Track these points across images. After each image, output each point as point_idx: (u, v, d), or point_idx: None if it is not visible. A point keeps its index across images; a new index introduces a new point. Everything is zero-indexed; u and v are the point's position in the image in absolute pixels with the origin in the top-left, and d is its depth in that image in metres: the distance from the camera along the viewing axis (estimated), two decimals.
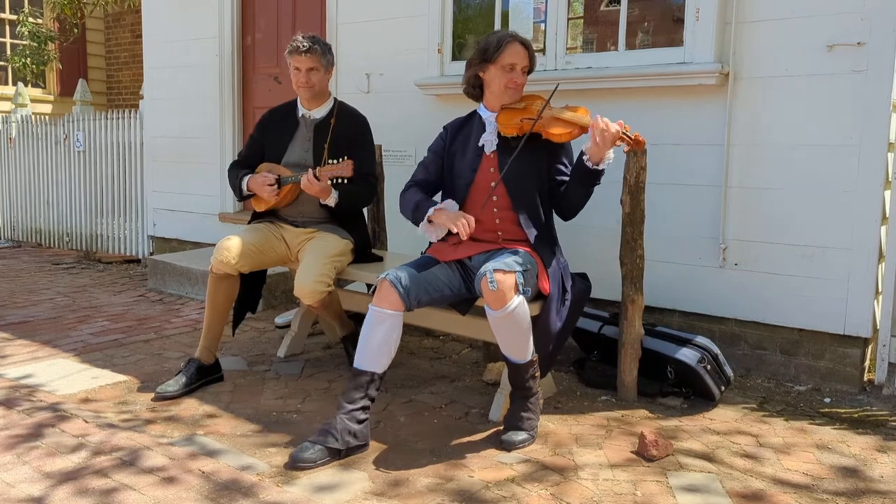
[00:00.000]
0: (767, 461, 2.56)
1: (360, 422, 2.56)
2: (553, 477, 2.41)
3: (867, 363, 3.35)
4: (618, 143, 2.69)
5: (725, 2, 3.37)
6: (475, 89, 3.03)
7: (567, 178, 2.89)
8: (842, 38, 3.14)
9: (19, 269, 6.10)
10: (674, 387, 3.15)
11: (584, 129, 2.76)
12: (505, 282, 2.50)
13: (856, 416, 3.01)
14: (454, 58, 4.26)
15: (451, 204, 2.94)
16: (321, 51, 3.38)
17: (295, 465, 2.44)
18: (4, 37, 9.95)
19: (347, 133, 3.43)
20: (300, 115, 3.49)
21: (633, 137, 2.71)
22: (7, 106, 8.62)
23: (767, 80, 3.33)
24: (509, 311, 2.51)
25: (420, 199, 2.97)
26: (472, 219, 2.77)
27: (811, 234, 3.27)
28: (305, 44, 3.34)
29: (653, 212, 3.40)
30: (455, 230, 2.76)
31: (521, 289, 2.56)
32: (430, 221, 2.89)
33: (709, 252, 3.52)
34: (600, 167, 2.72)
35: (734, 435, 2.78)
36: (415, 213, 2.96)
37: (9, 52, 9.80)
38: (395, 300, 2.61)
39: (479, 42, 2.98)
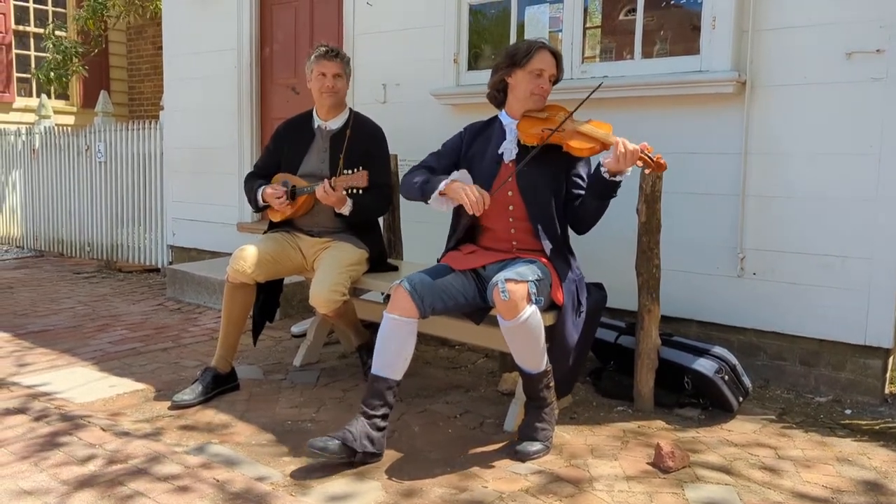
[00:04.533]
0: (786, 474, 2.52)
1: (379, 429, 2.56)
2: (567, 488, 2.39)
3: (889, 374, 3.29)
4: (638, 163, 2.67)
5: (742, 10, 3.35)
6: (499, 93, 3.02)
7: (583, 192, 2.88)
8: (860, 45, 3.11)
9: (41, 278, 6.18)
10: (691, 398, 3.12)
11: (605, 146, 2.73)
12: (517, 291, 2.49)
13: (877, 428, 2.96)
14: (470, 68, 4.27)
15: (465, 175, 2.87)
16: (346, 60, 3.45)
17: (310, 450, 2.46)
18: (29, 49, 10.12)
19: (363, 143, 3.45)
20: (316, 125, 3.51)
21: (654, 160, 2.67)
22: (31, 117, 8.76)
23: (785, 88, 3.30)
24: (521, 320, 2.50)
25: (429, 176, 2.90)
26: (486, 194, 2.71)
27: (830, 243, 3.24)
28: (335, 48, 3.42)
29: (669, 221, 3.38)
30: (467, 203, 2.68)
31: (533, 299, 2.54)
32: (441, 194, 2.80)
33: (726, 261, 3.49)
34: (617, 178, 2.70)
35: (753, 447, 2.75)
36: (424, 187, 2.87)
37: (33, 64, 9.97)
38: (409, 307, 2.61)
39: (508, 47, 2.98)
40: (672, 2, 3.79)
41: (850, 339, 3.23)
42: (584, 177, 2.92)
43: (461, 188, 2.73)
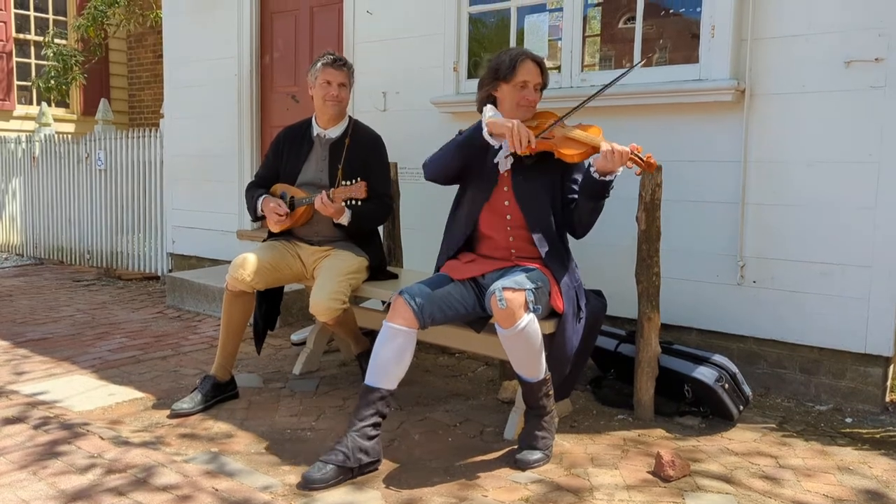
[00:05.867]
0: (787, 483, 2.52)
1: (370, 438, 2.55)
2: (568, 498, 2.38)
3: (889, 382, 3.29)
4: (629, 164, 2.67)
5: (741, 18, 3.36)
6: None
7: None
8: (859, 54, 3.12)
9: (41, 285, 6.18)
10: (691, 406, 3.11)
11: (596, 150, 2.73)
12: (514, 300, 2.49)
13: (878, 436, 2.95)
14: (469, 76, 4.28)
15: (496, 111, 2.83)
16: (351, 70, 3.46)
17: (307, 485, 2.43)
18: (30, 57, 10.14)
19: (362, 152, 3.45)
20: (315, 134, 3.50)
21: (644, 159, 2.67)
22: (31, 125, 8.77)
23: (784, 96, 3.31)
24: (519, 329, 2.50)
25: (455, 138, 2.85)
26: (532, 134, 2.65)
27: (830, 251, 3.24)
28: (342, 57, 3.41)
29: (669, 229, 3.38)
30: (513, 140, 2.62)
31: (531, 307, 2.54)
32: (490, 134, 2.73)
33: (726, 269, 3.49)
34: (607, 178, 2.69)
35: (753, 456, 2.74)
36: (460, 140, 2.80)
37: (33, 72, 9.99)
38: (409, 317, 2.60)
39: (492, 61, 2.96)
40: (671, 10, 3.80)
41: (850, 347, 3.23)
42: (579, 180, 2.92)
43: (507, 121, 2.66)
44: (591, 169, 2.69)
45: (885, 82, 3.07)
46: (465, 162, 2.85)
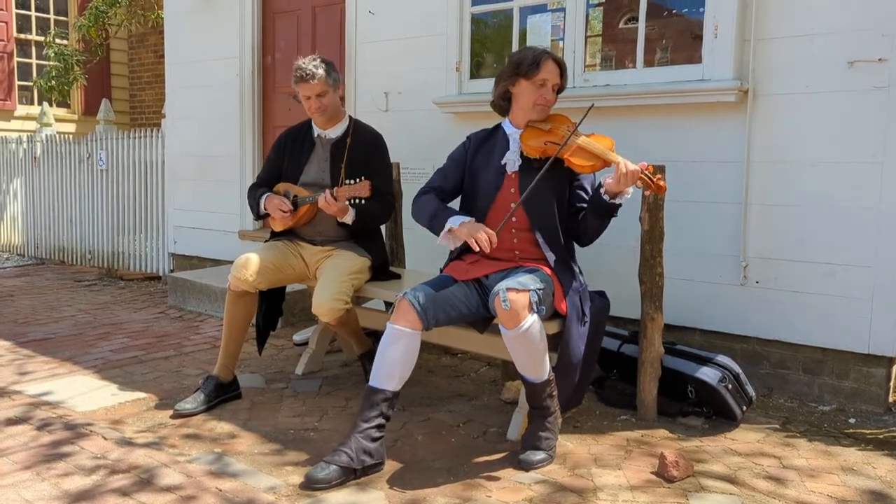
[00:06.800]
0: (791, 483, 2.51)
1: (374, 440, 2.55)
2: (571, 498, 2.38)
3: (892, 383, 3.29)
4: (638, 184, 2.67)
5: (744, 19, 3.36)
6: (504, 102, 3.02)
7: (585, 205, 2.88)
8: (863, 54, 3.12)
9: (42, 286, 6.18)
10: (695, 406, 3.11)
11: (606, 164, 2.73)
12: (518, 301, 2.49)
13: (881, 437, 2.95)
14: (472, 76, 4.28)
15: (470, 222, 2.86)
16: (326, 71, 3.32)
17: (310, 485, 2.43)
18: (31, 57, 10.14)
19: (364, 152, 3.44)
20: (316, 135, 3.50)
21: (654, 180, 2.67)
22: (32, 125, 8.76)
23: (787, 96, 3.31)
24: (523, 329, 2.49)
25: (438, 207, 2.91)
26: (493, 234, 2.70)
27: (833, 251, 3.23)
28: (309, 70, 3.29)
29: (672, 229, 3.37)
30: (475, 245, 2.70)
31: (535, 308, 2.54)
32: (449, 230, 2.82)
33: (729, 270, 3.49)
34: (616, 201, 2.70)
35: (757, 456, 2.74)
36: (432, 221, 2.90)
37: (34, 72, 9.99)
38: (413, 319, 2.60)
39: (513, 56, 2.95)
40: (673, 11, 3.80)
41: (853, 347, 3.23)
42: (587, 188, 2.92)
43: (469, 234, 2.73)
44: (602, 191, 2.70)
45: (889, 82, 3.07)
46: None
